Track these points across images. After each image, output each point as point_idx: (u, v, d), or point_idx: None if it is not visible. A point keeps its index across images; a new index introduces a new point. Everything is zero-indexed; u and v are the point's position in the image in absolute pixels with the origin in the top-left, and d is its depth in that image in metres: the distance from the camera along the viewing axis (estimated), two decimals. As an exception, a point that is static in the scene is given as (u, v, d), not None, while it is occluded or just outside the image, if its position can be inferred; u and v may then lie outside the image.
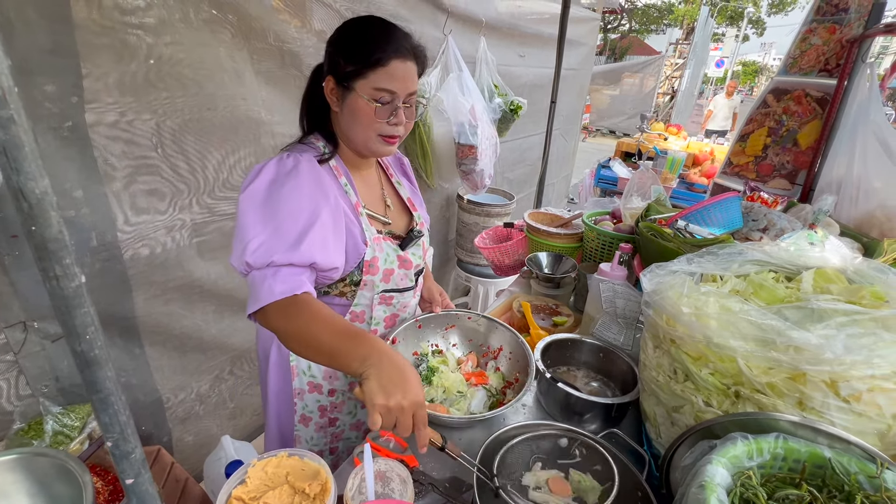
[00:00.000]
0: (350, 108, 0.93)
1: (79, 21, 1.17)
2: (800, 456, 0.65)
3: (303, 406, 1.14)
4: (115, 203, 1.36)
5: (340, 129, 1.01)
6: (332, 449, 1.21)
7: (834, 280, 0.90)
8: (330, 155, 1.00)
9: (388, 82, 0.90)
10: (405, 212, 1.18)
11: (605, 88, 12.52)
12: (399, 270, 1.08)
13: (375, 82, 0.90)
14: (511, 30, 3.13)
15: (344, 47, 0.92)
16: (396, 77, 0.90)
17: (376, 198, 1.11)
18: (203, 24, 1.44)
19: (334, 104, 0.97)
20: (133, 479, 0.48)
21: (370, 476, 0.72)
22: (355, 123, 0.95)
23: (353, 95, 0.92)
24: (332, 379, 1.13)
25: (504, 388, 1.12)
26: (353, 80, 0.91)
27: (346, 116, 0.96)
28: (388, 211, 1.12)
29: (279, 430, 1.18)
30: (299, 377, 1.11)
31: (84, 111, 1.24)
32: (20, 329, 1.25)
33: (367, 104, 0.91)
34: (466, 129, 2.44)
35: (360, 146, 1.00)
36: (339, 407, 1.16)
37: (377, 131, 0.95)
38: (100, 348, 0.43)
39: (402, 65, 0.91)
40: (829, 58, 1.82)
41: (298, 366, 1.11)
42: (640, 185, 1.79)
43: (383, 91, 0.91)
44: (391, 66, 0.90)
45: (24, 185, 0.35)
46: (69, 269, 0.39)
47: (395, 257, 1.06)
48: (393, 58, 0.89)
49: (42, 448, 0.74)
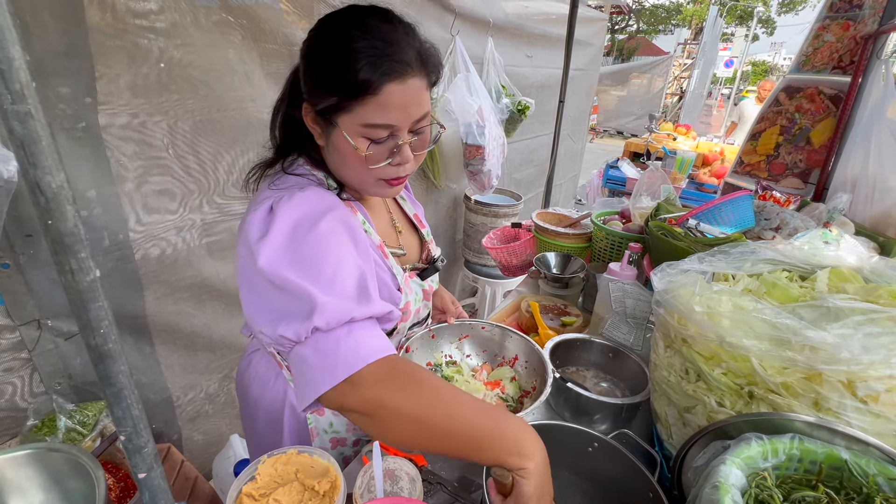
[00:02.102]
0: (335, 147, 0.72)
1: (92, 24, 1.19)
2: (816, 457, 0.64)
3: None
4: (127, 203, 1.38)
5: (331, 165, 0.78)
6: None
7: (850, 279, 0.89)
8: (340, 188, 0.79)
9: (381, 115, 0.66)
10: (414, 232, 1.04)
11: (612, 89, 12.46)
12: (422, 303, 0.97)
13: (364, 117, 0.66)
14: (518, 30, 3.12)
15: (317, 68, 0.68)
16: (393, 106, 0.66)
17: (388, 226, 0.94)
18: (213, 27, 1.46)
19: (317, 137, 0.75)
20: (146, 474, 0.49)
21: (379, 474, 0.72)
22: (345, 166, 0.73)
23: (336, 132, 0.69)
24: (357, 430, 0.97)
25: (521, 397, 1.09)
26: (335, 115, 0.68)
27: (334, 155, 0.74)
28: (401, 237, 0.96)
29: None
30: (319, 437, 0.93)
31: (97, 112, 1.25)
32: (34, 327, 1.26)
33: (353, 145, 0.68)
34: (474, 129, 2.44)
35: (355, 188, 0.80)
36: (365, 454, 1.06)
37: (375, 175, 0.73)
38: (114, 342, 0.43)
39: (401, 87, 0.65)
40: (842, 55, 1.80)
41: (317, 427, 0.92)
42: (649, 184, 1.78)
43: (377, 127, 0.67)
44: (384, 92, 0.64)
45: (40, 179, 0.36)
46: (84, 262, 0.40)
47: (420, 292, 0.93)
48: (386, 81, 0.64)
49: (55, 444, 0.75)
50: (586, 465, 0.88)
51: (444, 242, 3.15)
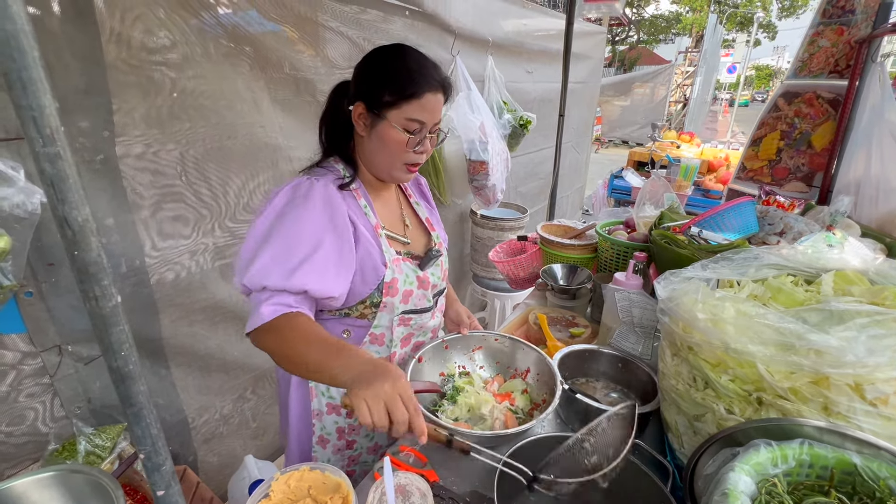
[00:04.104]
0: (379, 135, 0.96)
1: (110, 62, 1.26)
2: (827, 462, 0.64)
3: (321, 427, 1.14)
4: (143, 230, 1.43)
5: (364, 154, 1.03)
6: (349, 472, 1.19)
7: (855, 281, 0.89)
8: (351, 179, 1.01)
9: (419, 114, 0.94)
10: (424, 232, 1.19)
11: (615, 99, 12.54)
12: (418, 291, 1.08)
13: (408, 113, 0.93)
14: (517, 47, 3.19)
15: (380, 77, 0.95)
16: (427, 109, 0.94)
17: (395, 218, 1.12)
18: (223, 58, 1.52)
19: (361, 129, 0.99)
20: (164, 491, 0.51)
21: (390, 490, 0.73)
22: (383, 150, 0.97)
23: (385, 124, 0.94)
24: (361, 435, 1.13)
25: (531, 409, 1.09)
26: (387, 110, 0.93)
27: (374, 143, 0.98)
28: (407, 230, 1.13)
29: (299, 450, 1.18)
30: (318, 398, 1.12)
31: (115, 144, 1.31)
32: (55, 353, 1.30)
33: (398, 133, 0.94)
34: (477, 145, 2.48)
35: (382, 172, 1.03)
36: (356, 430, 1.16)
37: (403, 160, 0.98)
38: (134, 364, 0.46)
39: (434, 97, 0.95)
40: (838, 59, 1.81)
41: (317, 387, 1.11)
42: (652, 193, 1.79)
43: (416, 122, 0.94)
44: (425, 98, 0.93)
45: (68, 213, 0.39)
46: (107, 290, 0.42)
47: (414, 278, 1.07)
48: (427, 91, 0.93)
49: (77, 465, 0.77)
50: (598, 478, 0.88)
51: (452, 258, 3.17)
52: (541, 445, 0.88)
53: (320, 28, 1.81)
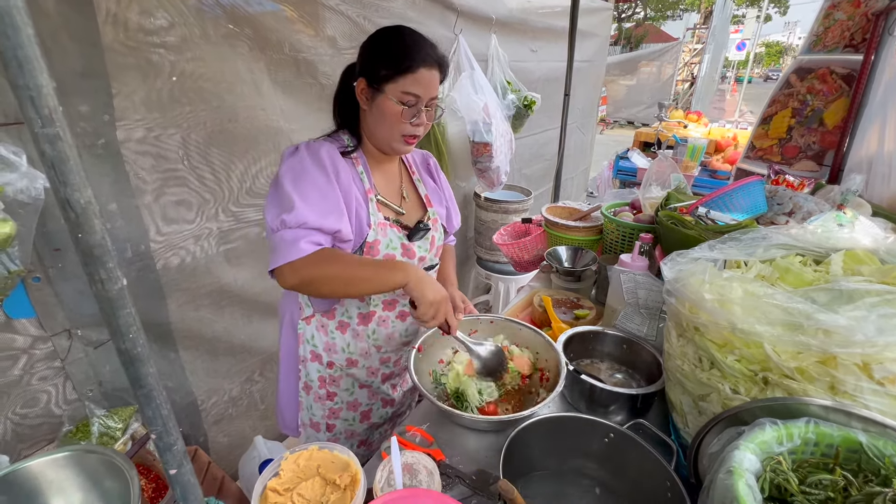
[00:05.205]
0: (379, 107, 1.03)
1: (107, 43, 1.24)
2: (832, 440, 0.64)
3: (306, 374, 1.22)
4: (147, 215, 1.43)
5: (367, 126, 1.09)
6: (329, 426, 1.25)
7: (865, 261, 0.88)
8: (353, 148, 1.10)
9: (414, 87, 1.00)
10: (421, 207, 1.23)
11: (621, 79, 12.28)
12: (402, 258, 1.13)
13: (404, 86, 1.00)
14: (522, 25, 3.11)
15: (378, 54, 1.02)
16: (422, 83, 1.01)
17: (393, 189, 1.18)
18: (222, 40, 1.50)
19: (364, 103, 1.06)
20: (176, 470, 0.51)
21: (398, 468, 0.74)
22: (382, 122, 1.04)
23: (383, 97, 1.01)
24: (331, 352, 1.19)
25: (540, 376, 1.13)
26: (385, 84, 1.00)
27: (375, 115, 1.05)
28: (404, 202, 1.18)
29: (287, 391, 1.26)
30: (304, 345, 1.19)
31: (115, 129, 1.30)
32: (65, 337, 1.32)
33: (395, 105, 1.01)
34: (480, 126, 2.44)
35: (382, 143, 1.09)
36: (336, 381, 1.21)
37: (401, 131, 1.04)
38: (142, 346, 0.46)
39: (429, 72, 1.01)
40: (854, 33, 1.75)
41: (304, 334, 1.19)
42: (658, 174, 1.76)
43: (410, 95, 1.01)
44: (419, 73, 1.00)
45: (70, 195, 0.38)
46: (112, 272, 0.42)
47: (398, 244, 1.12)
48: (421, 66, 1.00)
49: (91, 446, 0.79)
50: (603, 457, 0.89)
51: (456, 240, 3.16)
52: (547, 425, 0.89)
53: (320, 7, 1.77)
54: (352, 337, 1.17)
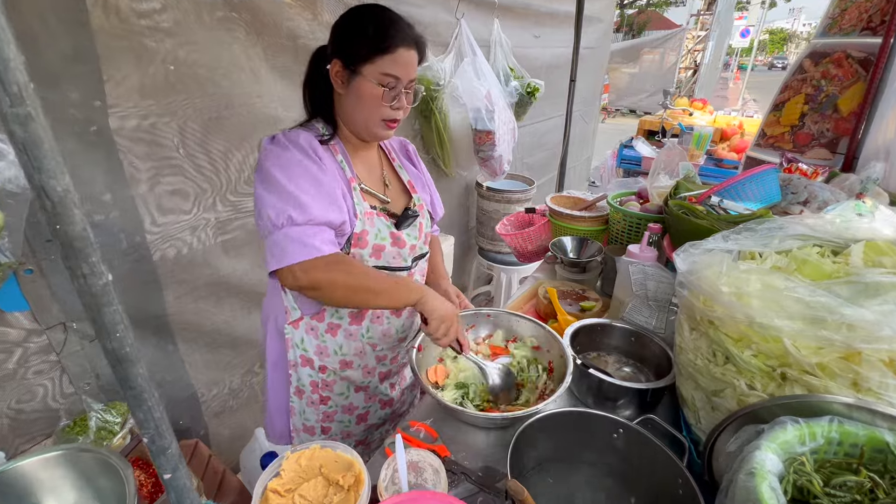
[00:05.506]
0: (356, 91, 0.97)
1: (97, 26, 1.19)
2: (857, 440, 0.61)
3: (297, 378, 1.17)
4: (142, 205, 1.39)
5: (343, 111, 1.03)
6: (324, 429, 1.22)
7: (887, 252, 0.84)
8: (330, 137, 1.04)
9: (393, 68, 0.95)
10: (405, 193, 1.19)
11: (623, 67, 12.10)
12: (391, 248, 1.08)
13: (383, 67, 0.94)
14: (525, 10, 3.04)
15: (354, 34, 0.96)
16: (401, 63, 0.95)
17: (375, 177, 1.13)
18: (217, 24, 1.44)
19: (339, 87, 1.00)
20: (171, 474, 0.49)
21: (403, 466, 0.72)
22: (360, 106, 0.99)
23: (360, 79, 0.95)
24: (323, 355, 1.14)
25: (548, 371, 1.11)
26: (362, 65, 0.94)
27: (352, 99, 0.99)
28: (387, 190, 1.14)
29: (276, 399, 1.21)
30: (293, 349, 1.15)
31: (107, 116, 1.26)
32: (60, 330, 1.29)
33: (373, 87, 0.96)
34: (483, 114, 2.39)
35: (361, 129, 1.03)
36: (330, 385, 1.17)
37: (381, 115, 0.99)
38: (130, 346, 0.42)
39: (407, 52, 0.96)
40: (872, 14, 1.68)
41: (292, 339, 1.14)
42: (667, 162, 1.72)
43: (390, 76, 0.95)
44: (398, 53, 0.94)
45: (45, 183, 0.35)
46: (96, 266, 0.39)
47: (387, 234, 1.07)
48: (400, 45, 0.94)
49: (85, 444, 0.76)
50: (612, 453, 0.86)
51: (457, 230, 3.13)
52: (554, 420, 0.86)
53: (317, -12, 1.71)
54: (344, 338, 1.13)
